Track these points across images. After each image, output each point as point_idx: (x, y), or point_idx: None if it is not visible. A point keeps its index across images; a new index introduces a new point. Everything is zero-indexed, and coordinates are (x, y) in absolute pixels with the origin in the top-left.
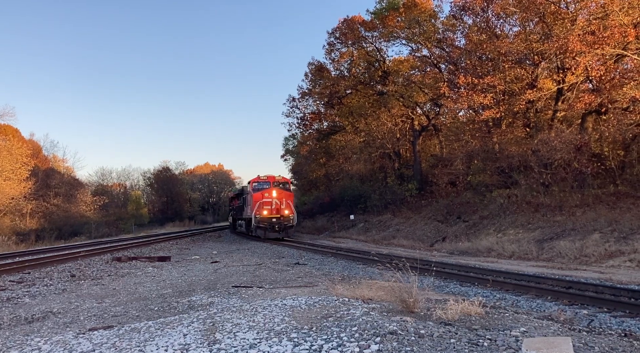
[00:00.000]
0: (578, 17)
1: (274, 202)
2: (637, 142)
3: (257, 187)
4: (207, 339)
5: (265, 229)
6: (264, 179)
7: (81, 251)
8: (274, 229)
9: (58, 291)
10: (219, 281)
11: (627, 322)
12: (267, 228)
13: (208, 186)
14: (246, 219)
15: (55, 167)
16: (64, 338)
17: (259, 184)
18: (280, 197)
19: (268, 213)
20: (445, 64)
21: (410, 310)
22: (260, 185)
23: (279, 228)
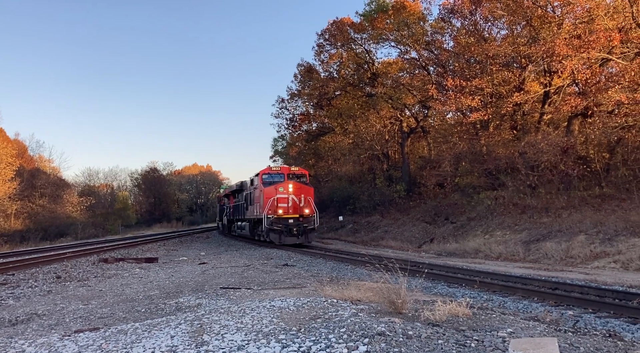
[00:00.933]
0: (564, 21)
1: (290, 199)
2: (622, 145)
3: (268, 180)
4: (194, 341)
5: (281, 232)
6: (277, 171)
7: (67, 253)
8: (291, 232)
9: (43, 292)
10: (206, 283)
11: (612, 323)
12: (283, 231)
13: (196, 187)
14: (251, 221)
15: (41, 167)
16: (49, 341)
17: (270, 176)
18: (298, 192)
19: (284, 212)
20: (433, 66)
21: (399, 311)
22: (272, 178)
23: (297, 231)
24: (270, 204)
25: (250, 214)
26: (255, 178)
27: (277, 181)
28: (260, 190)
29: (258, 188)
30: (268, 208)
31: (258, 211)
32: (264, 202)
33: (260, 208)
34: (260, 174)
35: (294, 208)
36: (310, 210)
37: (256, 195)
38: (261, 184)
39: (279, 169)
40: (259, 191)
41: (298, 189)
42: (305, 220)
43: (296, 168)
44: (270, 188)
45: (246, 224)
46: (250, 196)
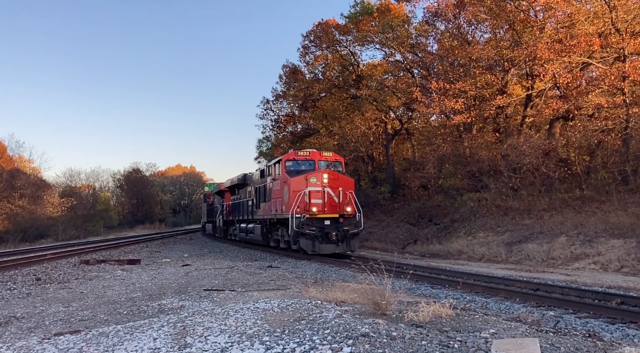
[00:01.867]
0: (546, 26)
1: (326, 193)
2: (602, 148)
3: (293, 169)
4: (177, 343)
5: (315, 238)
6: (305, 157)
7: (47, 254)
8: (328, 238)
9: (22, 295)
10: (190, 285)
11: (591, 323)
12: (317, 236)
13: (180, 188)
14: (265, 222)
15: (20, 168)
16: (28, 344)
17: (296, 164)
18: (335, 184)
19: (319, 210)
20: (418, 69)
21: (383, 313)
22: (299, 166)
23: (337, 236)
24: (300, 199)
25: (265, 213)
26: (274, 166)
27: (306, 170)
28: (282, 182)
29: (279, 180)
30: (296, 204)
31: (277, 209)
32: (290, 197)
33: (281, 205)
34: (282, 160)
35: (331, 205)
36: (352, 208)
37: (274, 189)
38: (285, 174)
39: (307, 154)
40: (280, 183)
41: (335, 180)
42: (346, 221)
43: (329, 153)
44: (298, 179)
45: (256, 226)
46: (263, 191)
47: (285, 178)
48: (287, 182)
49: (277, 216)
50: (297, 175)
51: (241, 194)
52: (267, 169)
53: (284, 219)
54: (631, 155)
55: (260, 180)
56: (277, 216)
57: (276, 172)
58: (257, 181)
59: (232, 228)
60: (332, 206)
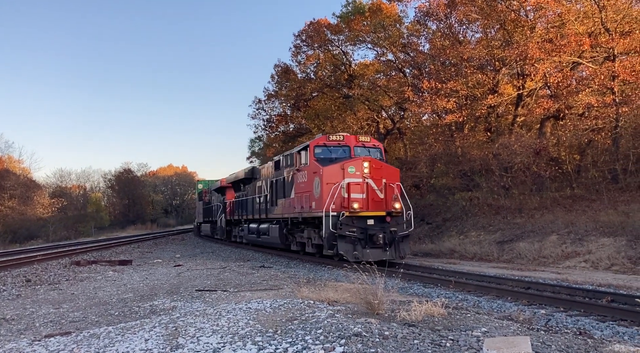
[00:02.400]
0: (537, 25)
1: (367, 185)
2: (592, 147)
3: (324, 156)
4: (169, 344)
5: (357, 241)
6: (337, 142)
7: (37, 255)
8: (374, 241)
9: (12, 296)
10: (182, 285)
11: (582, 321)
12: (359, 239)
13: (171, 188)
14: (284, 222)
15: (10, 168)
16: (18, 346)
17: (326, 151)
18: (378, 175)
19: (361, 206)
20: (409, 68)
21: (375, 312)
22: (331, 152)
23: (384, 238)
24: (337, 193)
25: (284, 211)
26: (298, 154)
27: (340, 158)
28: (311, 172)
29: (305, 170)
30: (332, 200)
31: (304, 206)
32: (323, 191)
33: (309, 201)
34: (310, 147)
35: (374, 201)
36: (400, 204)
37: (298, 181)
38: (314, 163)
39: (341, 139)
40: (307, 175)
41: (378, 169)
42: (393, 221)
43: (366, 137)
44: (333, 168)
45: (272, 227)
46: (281, 185)
47: (315, 167)
48: (318, 172)
49: (304, 214)
50: (331, 164)
51: (248, 191)
52: (286, 159)
53: (312, 219)
54: (621, 154)
55: (275, 173)
56: (304, 214)
57: (301, 161)
58: (271, 175)
59: (238, 229)
60: (376, 202)
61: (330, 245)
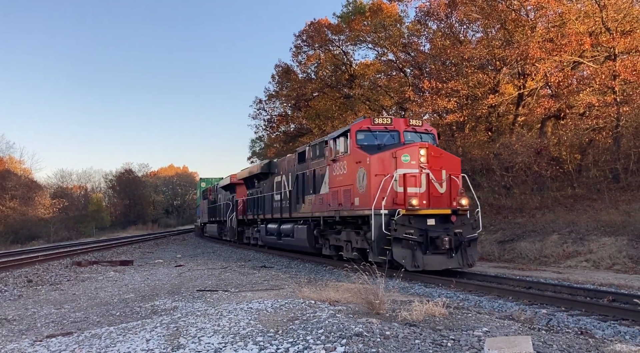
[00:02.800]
0: (537, 25)
1: (424, 178)
2: (593, 146)
3: (368, 143)
4: (170, 344)
5: (415, 245)
6: (384, 126)
7: (39, 256)
8: (437, 245)
9: (13, 297)
10: (183, 285)
11: (583, 320)
12: (418, 242)
13: (172, 188)
14: (314, 223)
15: (11, 169)
16: (20, 346)
17: (370, 136)
18: (437, 164)
19: (420, 203)
20: (410, 68)
21: (376, 312)
22: (377, 138)
23: (450, 242)
24: (389, 187)
25: (315, 209)
26: (335, 142)
27: (390, 145)
28: (353, 162)
29: (344, 160)
30: (382, 195)
31: (342, 203)
32: (371, 184)
33: (350, 197)
34: (352, 132)
35: (435, 197)
36: (467, 200)
37: (334, 173)
38: (358, 151)
39: (388, 122)
40: (347, 165)
41: (437, 158)
42: (458, 220)
43: (418, 121)
44: (382, 157)
45: (299, 228)
46: (311, 179)
47: (359, 156)
48: (363, 162)
49: (342, 212)
50: (379, 151)
51: (263, 187)
52: (314, 150)
53: (354, 218)
54: (622, 153)
55: (299, 166)
56: (342, 212)
57: (339, 149)
58: (294, 168)
59: (252, 230)
60: (436, 198)
61: (380, 249)
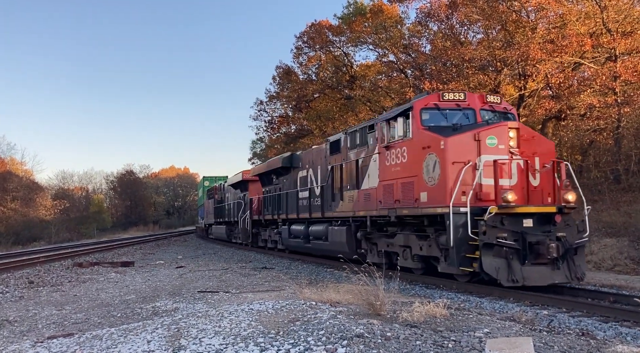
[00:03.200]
0: (538, 26)
1: (515, 165)
2: (594, 147)
3: (435, 123)
4: (171, 345)
5: (511, 253)
6: (456, 102)
7: (40, 257)
8: (539, 252)
9: (15, 298)
10: (184, 287)
11: (585, 321)
12: (515, 249)
13: (173, 189)
14: (361, 223)
15: (12, 170)
16: (21, 348)
17: (439, 115)
18: (530, 149)
19: (516, 199)
20: (411, 69)
21: (377, 313)
22: (447, 119)
23: (557, 248)
24: (471, 178)
25: (355, 207)
26: (390, 123)
27: (468, 126)
28: (418, 147)
29: (404, 145)
30: (462, 188)
31: (401, 199)
32: (447, 173)
33: (415, 190)
34: (416, 109)
35: (531, 191)
36: (573, 195)
37: (388, 163)
38: (425, 133)
39: (461, 98)
40: (408, 151)
41: (529, 141)
42: (563, 222)
43: (496, 97)
44: (462, 139)
45: (335, 230)
46: (350, 171)
47: (427, 139)
48: (434, 146)
49: (401, 211)
50: (456, 133)
51: (283, 183)
52: (353, 138)
53: (419, 218)
54: (623, 154)
55: (332, 157)
56: (401, 211)
57: (395, 133)
58: (324, 160)
59: (270, 232)
60: (536, 193)
61: (461, 258)
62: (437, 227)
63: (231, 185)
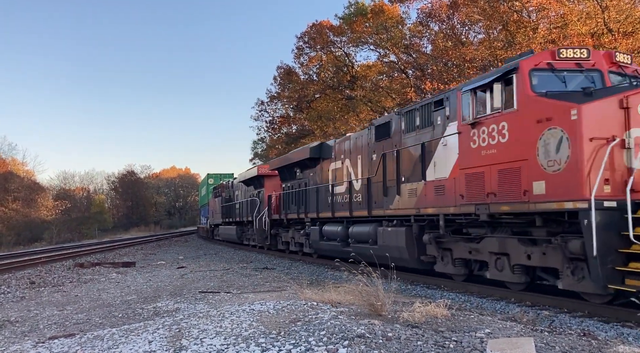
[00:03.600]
0: (539, 26)
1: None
2: None
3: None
4: (173, 346)
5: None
6: (576, 62)
7: (41, 257)
8: None
9: (16, 299)
10: (185, 287)
11: (586, 322)
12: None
13: (174, 190)
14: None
15: (14, 170)
16: (22, 348)
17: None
18: None
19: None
20: (412, 69)
21: (378, 313)
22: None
23: None
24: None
25: (420, 202)
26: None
27: (608, 91)
28: (530, 120)
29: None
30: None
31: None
32: (581, 155)
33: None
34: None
35: None
36: None
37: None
38: (539, 100)
39: (584, 55)
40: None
41: None
42: None
43: (625, 56)
44: (603, 106)
45: (391, 231)
46: (412, 157)
47: (545, 107)
48: (558, 118)
49: (499, 206)
50: (592, 99)
51: (310, 178)
52: (415, 116)
53: (530, 215)
54: None
55: (381, 142)
56: (499, 206)
57: (488, 103)
58: (367, 148)
59: (295, 233)
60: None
61: (607, 272)
62: (551, 228)
63: (242, 182)
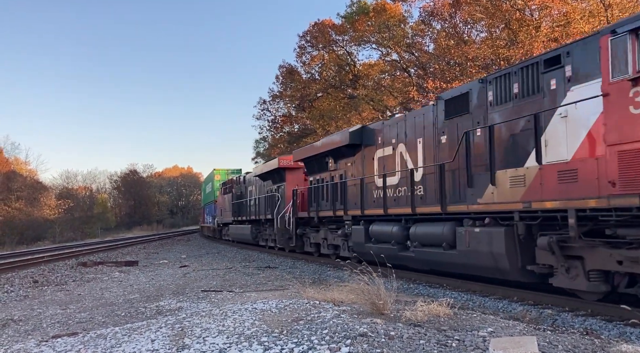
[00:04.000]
0: (542, 24)
1: None
2: None
3: None
4: (175, 344)
5: None
6: None
7: (44, 256)
8: None
9: (19, 297)
10: (188, 286)
11: (589, 321)
12: None
13: (177, 189)
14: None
15: (17, 170)
16: (25, 347)
17: None
18: None
19: None
20: (414, 68)
21: (381, 312)
22: None
23: None
24: None
25: (528, 195)
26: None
27: None
28: None
29: None
30: None
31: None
32: None
33: None
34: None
35: None
36: None
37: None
38: None
39: None
40: None
41: None
42: None
43: None
44: None
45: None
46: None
47: None
48: None
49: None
50: None
51: (348, 168)
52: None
53: None
54: None
55: (455, 119)
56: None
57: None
58: (433, 129)
59: (328, 233)
60: None
61: None
62: None
63: (258, 176)
